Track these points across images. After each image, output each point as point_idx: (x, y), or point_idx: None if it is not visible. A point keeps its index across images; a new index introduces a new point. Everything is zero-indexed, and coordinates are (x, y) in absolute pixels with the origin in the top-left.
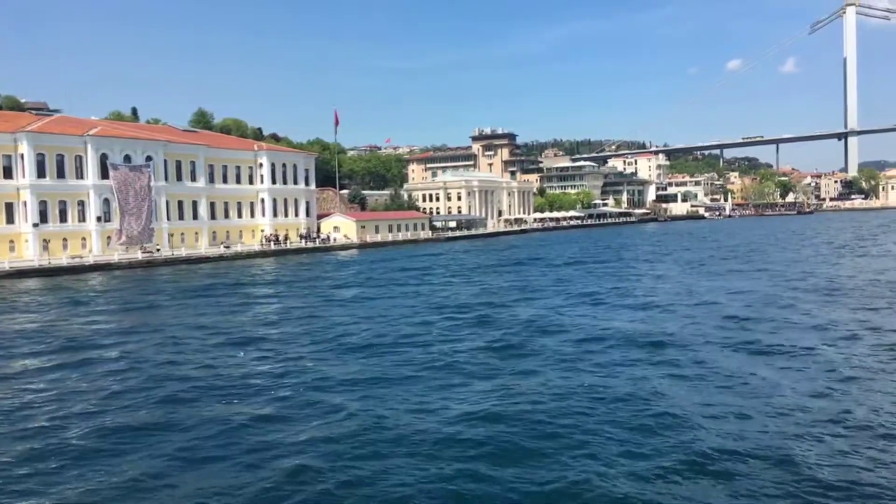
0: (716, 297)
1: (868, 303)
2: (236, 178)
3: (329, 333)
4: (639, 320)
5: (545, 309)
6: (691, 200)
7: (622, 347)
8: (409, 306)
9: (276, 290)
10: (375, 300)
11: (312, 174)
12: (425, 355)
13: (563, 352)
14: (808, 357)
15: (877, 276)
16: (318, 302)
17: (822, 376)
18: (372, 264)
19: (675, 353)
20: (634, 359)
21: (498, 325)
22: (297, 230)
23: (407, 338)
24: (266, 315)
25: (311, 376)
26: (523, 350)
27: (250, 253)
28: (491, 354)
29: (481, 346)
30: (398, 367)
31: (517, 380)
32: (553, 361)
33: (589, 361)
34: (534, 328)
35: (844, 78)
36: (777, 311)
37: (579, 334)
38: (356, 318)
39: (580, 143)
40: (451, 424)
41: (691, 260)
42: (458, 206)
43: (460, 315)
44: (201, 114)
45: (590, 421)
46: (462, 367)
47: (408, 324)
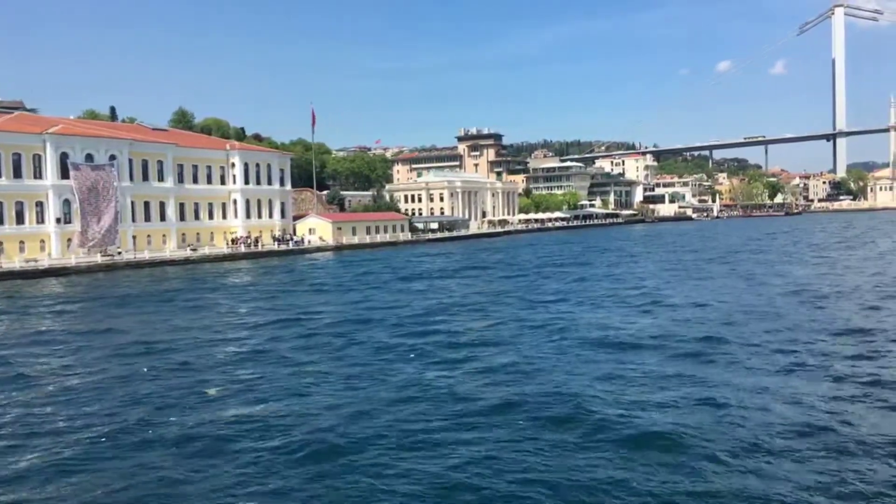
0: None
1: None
2: (207, 179)
3: (213, 352)
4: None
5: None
6: (679, 201)
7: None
8: (324, 322)
9: (214, 297)
10: (295, 312)
11: (288, 174)
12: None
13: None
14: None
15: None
16: (251, 309)
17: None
18: (340, 268)
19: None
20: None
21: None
22: (272, 232)
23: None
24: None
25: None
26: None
27: (218, 256)
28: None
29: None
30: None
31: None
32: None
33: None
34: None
35: (833, 79)
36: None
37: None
38: (242, 331)
39: (570, 144)
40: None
41: (664, 263)
42: (440, 208)
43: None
44: (181, 113)
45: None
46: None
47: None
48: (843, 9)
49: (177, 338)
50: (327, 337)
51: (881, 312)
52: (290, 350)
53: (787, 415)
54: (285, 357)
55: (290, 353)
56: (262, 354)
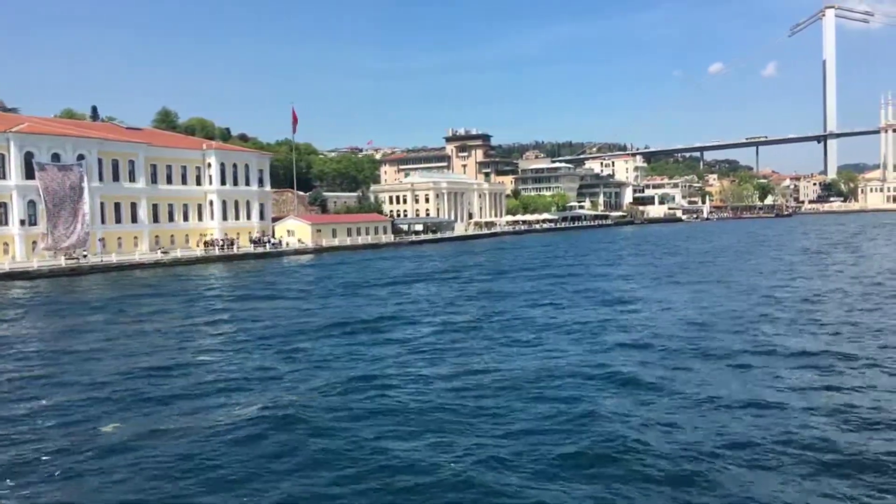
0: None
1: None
2: (182, 179)
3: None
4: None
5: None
6: (668, 203)
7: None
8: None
9: (165, 303)
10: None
11: (267, 175)
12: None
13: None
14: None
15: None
16: (200, 315)
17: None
18: (311, 272)
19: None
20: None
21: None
22: (250, 234)
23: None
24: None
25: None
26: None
27: (191, 259)
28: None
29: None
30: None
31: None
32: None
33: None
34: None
35: (824, 80)
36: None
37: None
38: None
39: (561, 146)
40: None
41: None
42: (426, 209)
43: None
44: (165, 113)
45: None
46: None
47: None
48: (833, 10)
49: (81, 350)
50: (256, 349)
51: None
52: (199, 368)
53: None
54: (192, 376)
55: (199, 372)
56: (167, 373)
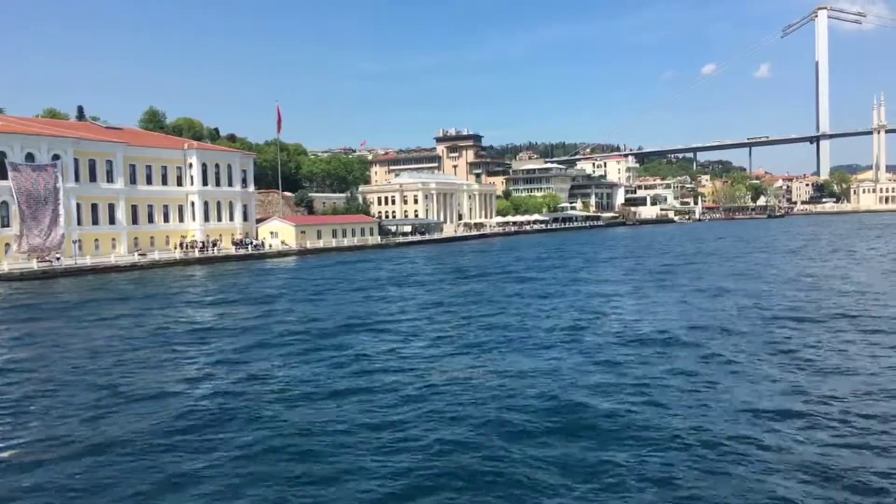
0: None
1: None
2: (163, 179)
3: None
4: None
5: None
6: (661, 204)
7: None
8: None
9: (127, 308)
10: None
11: (251, 175)
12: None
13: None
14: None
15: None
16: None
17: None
18: (290, 275)
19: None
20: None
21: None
22: (233, 236)
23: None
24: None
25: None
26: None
27: (169, 261)
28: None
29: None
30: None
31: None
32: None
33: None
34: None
35: (816, 81)
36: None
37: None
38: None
39: (555, 146)
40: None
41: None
42: (414, 210)
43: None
44: (152, 113)
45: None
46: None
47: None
48: (826, 11)
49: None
50: (196, 359)
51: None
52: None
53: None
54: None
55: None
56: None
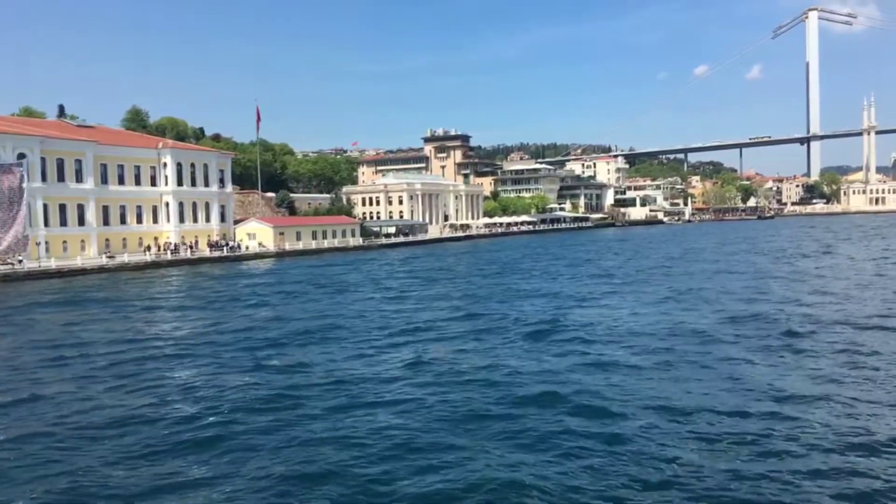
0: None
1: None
2: (136, 179)
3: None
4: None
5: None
6: (650, 205)
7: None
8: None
9: (75, 314)
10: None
11: (228, 175)
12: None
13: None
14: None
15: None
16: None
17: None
18: (262, 278)
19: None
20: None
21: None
22: (209, 237)
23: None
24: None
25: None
26: None
27: (139, 264)
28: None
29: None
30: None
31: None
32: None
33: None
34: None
35: (807, 82)
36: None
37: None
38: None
39: (546, 147)
40: None
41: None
42: (399, 211)
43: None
44: (135, 112)
45: None
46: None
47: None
48: (817, 12)
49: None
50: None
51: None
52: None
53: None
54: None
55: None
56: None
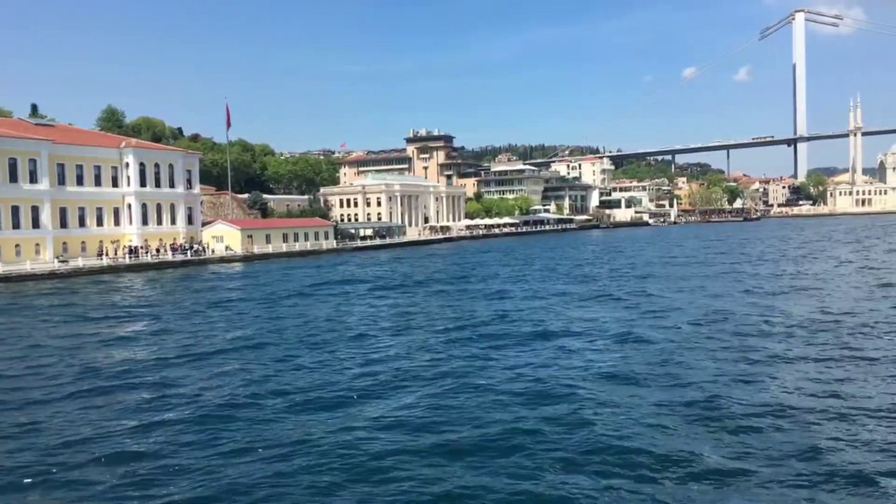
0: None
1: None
2: (96, 180)
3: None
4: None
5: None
6: (636, 206)
7: None
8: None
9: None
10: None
11: (196, 175)
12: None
13: None
14: None
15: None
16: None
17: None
18: (215, 283)
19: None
20: None
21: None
22: (175, 240)
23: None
24: None
25: None
26: None
27: (94, 268)
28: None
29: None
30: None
31: None
32: None
33: None
34: None
35: (794, 84)
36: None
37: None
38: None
39: (534, 148)
40: None
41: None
42: (378, 213)
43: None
44: (111, 111)
45: None
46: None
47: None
48: (803, 14)
49: None
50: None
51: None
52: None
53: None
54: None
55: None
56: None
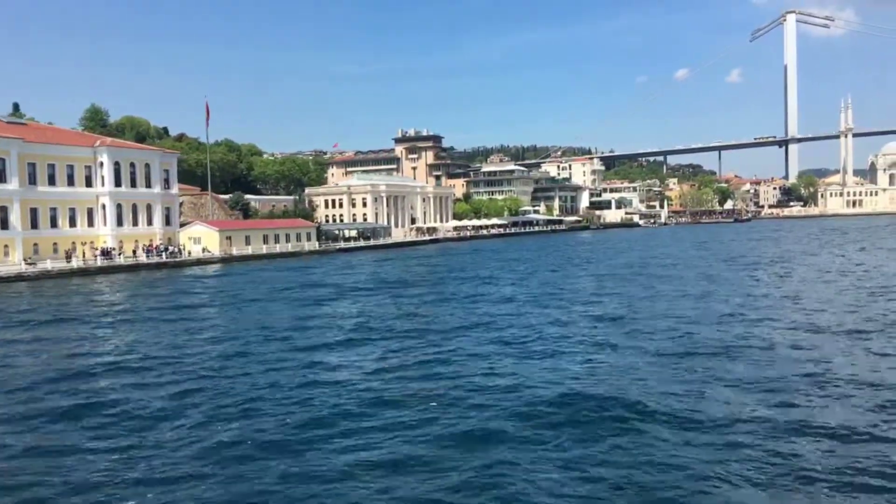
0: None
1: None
2: (69, 180)
3: None
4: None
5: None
6: (626, 207)
7: None
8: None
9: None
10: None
11: (174, 175)
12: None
13: None
14: None
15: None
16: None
17: None
18: (183, 285)
19: None
20: None
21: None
22: (151, 241)
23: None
24: None
25: None
26: None
27: (64, 271)
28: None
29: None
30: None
31: None
32: None
33: None
34: None
35: (785, 85)
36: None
37: None
38: None
39: (526, 149)
40: None
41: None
42: (363, 213)
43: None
44: (94, 111)
45: None
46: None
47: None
48: (794, 15)
49: None
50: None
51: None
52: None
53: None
54: None
55: None
56: None
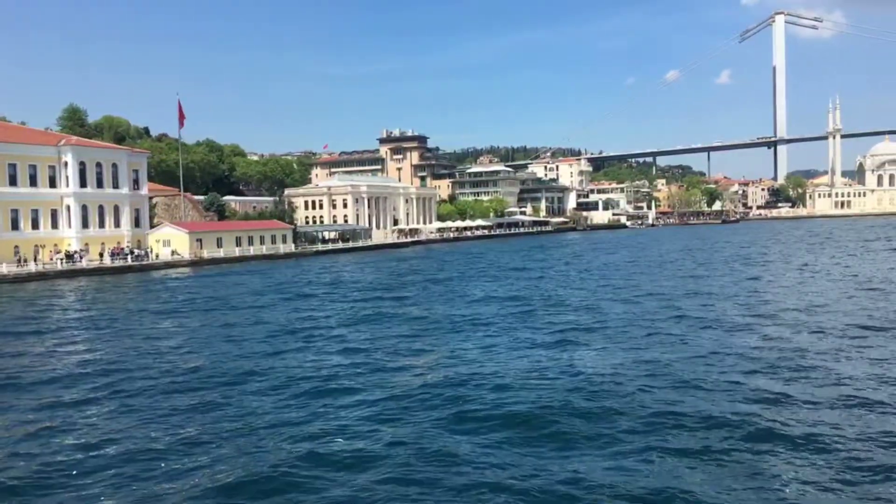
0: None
1: None
2: (31, 180)
3: None
4: None
5: None
6: (613, 208)
7: None
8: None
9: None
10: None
11: (144, 175)
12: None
13: None
14: None
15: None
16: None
17: None
18: (135, 292)
19: None
20: None
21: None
22: (119, 244)
23: None
24: None
25: None
26: None
27: (20, 275)
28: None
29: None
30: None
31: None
32: None
33: None
34: None
35: (774, 86)
36: None
37: None
38: None
39: (516, 150)
40: None
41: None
42: (344, 215)
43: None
44: (72, 111)
45: None
46: None
47: None
48: (783, 16)
49: None
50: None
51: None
52: None
53: None
54: None
55: None
56: None
